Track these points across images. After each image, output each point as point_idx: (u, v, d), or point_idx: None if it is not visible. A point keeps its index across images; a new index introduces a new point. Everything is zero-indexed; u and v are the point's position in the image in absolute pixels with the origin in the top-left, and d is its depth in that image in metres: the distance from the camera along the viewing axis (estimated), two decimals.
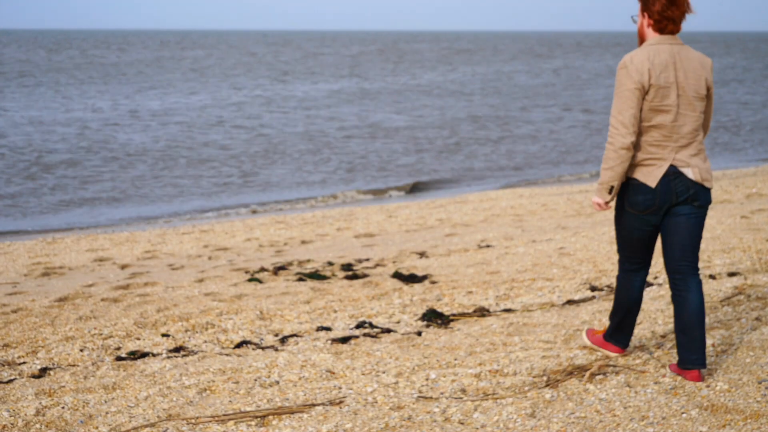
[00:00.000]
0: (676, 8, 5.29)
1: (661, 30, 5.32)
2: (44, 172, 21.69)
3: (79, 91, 45.07)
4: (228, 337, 6.90)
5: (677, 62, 5.28)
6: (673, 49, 5.29)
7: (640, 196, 5.26)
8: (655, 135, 5.24)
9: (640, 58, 5.24)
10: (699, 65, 5.32)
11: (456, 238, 11.51)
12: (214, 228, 14.58)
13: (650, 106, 5.22)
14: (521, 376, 5.41)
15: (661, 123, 5.23)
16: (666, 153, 5.25)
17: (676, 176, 5.24)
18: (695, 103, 5.29)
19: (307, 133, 29.28)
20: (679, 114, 5.25)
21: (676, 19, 5.31)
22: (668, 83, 5.23)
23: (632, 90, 5.20)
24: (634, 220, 5.35)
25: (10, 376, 6.04)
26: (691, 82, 5.29)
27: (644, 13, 5.37)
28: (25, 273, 10.80)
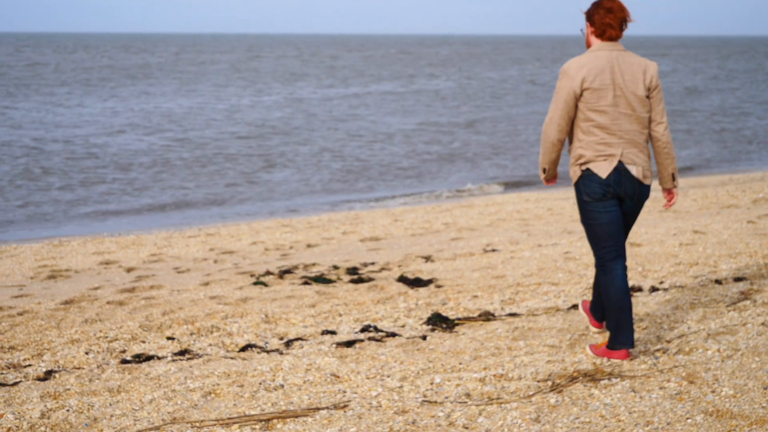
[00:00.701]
0: (614, 16, 5.85)
1: (601, 36, 5.87)
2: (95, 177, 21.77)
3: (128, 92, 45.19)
4: (233, 340, 6.90)
5: (615, 66, 5.79)
6: (612, 55, 5.81)
7: (595, 185, 5.76)
8: (600, 134, 5.74)
9: (577, 64, 5.80)
10: (639, 69, 5.81)
11: (462, 242, 11.50)
12: (220, 231, 14.59)
13: (588, 107, 5.74)
14: (526, 380, 5.40)
15: (601, 123, 5.73)
16: (614, 150, 5.75)
17: (625, 173, 5.75)
18: (635, 104, 5.76)
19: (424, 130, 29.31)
20: (618, 114, 5.74)
21: (614, 25, 5.84)
22: (604, 86, 5.73)
23: (565, 94, 5.77)
24: (595, 207, 5.80)
25: (16, 379, 6.04)
26: (629, 84, 5.77)
27: (588, 23, 5.94)
28: (32, 275, 10.81)
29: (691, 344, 5.83)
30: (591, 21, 5.95)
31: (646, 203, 14.50)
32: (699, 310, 6.68)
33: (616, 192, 5.74)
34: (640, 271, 8.44)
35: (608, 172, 5.73)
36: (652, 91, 5.84)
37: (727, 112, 37.53)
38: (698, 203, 14.20)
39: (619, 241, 5.84)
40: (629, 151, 5.76)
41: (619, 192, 5.75)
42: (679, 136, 29.83)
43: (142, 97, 43.88)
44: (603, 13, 5.90)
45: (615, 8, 5.89)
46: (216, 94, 46.43)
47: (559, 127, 5.80)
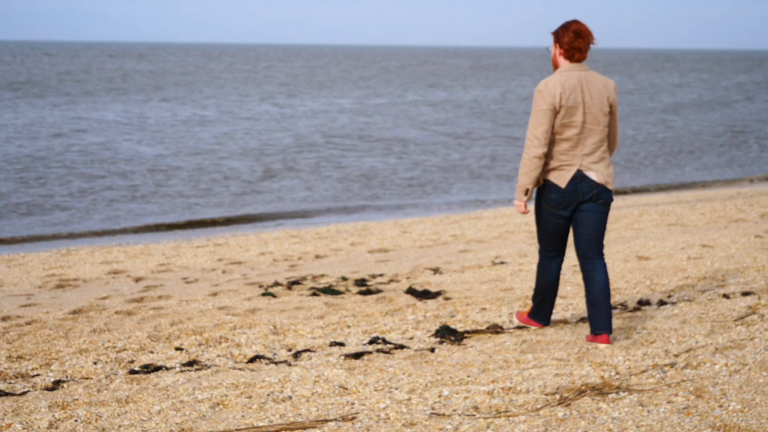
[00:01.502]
0: (582, 39, 6.43)
1: (570, 58, 6.46)
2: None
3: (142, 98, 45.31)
4: (241, 351, 6.91)
5: (584, 85, 6.40)
6: (581, 75, 6.42)
7: (553, 195, 6.44)
8: (565, 145, 6.39)
9: (554, 83, 6.36)
10: (602, 87, 6.45)
11: (470, 254, 11.51)
12: (228, 242, 14.62)
13: (561, 123, 6.36)
14: (534, 393, 5.40)
15: (570, 136, 6.38)
16: (574, 160, 6.40)
17: (582, 179, 6.40)
18: (600, 118, 6.42)
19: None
20: (585, 128, 6.39)
21: (582, 48, 6.44)
22: (576, 103, 6.36)
23: (546, 110, 6.34)
24: (549, 215, 6.53)
25: (24, 389, 6.06)
26: (596, 101, 6.41)
27: (556, 45, 6.50)
28: (40, 285, 10.84)
29: (698, 358, 5.82)
30: (559, 43, 6.49)
31: (656, 218, 14.49)
32: (707, 324, 6.68)
33: (571, 200, 6.43)
34: (648, 284, 8.43)
35: (567, 182, 6.40)
36: (612, 107, 6.50)
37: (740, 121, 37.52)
38: (706, 217, 14.19)
39: (562, 244, 6.67)
40: (587, 162, 6.42)
41: (576, 198, 6.42)
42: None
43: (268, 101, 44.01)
44: (573, 37, 6.44)
45: (583, 32, 6.43)
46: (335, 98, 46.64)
47: (542, 141, 6.33)
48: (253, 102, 48.99)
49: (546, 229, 6.60)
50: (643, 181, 23.89)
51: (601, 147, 6.45)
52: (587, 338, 6.53)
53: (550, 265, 6.75)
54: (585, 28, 6.47)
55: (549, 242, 6.66)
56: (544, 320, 6.98)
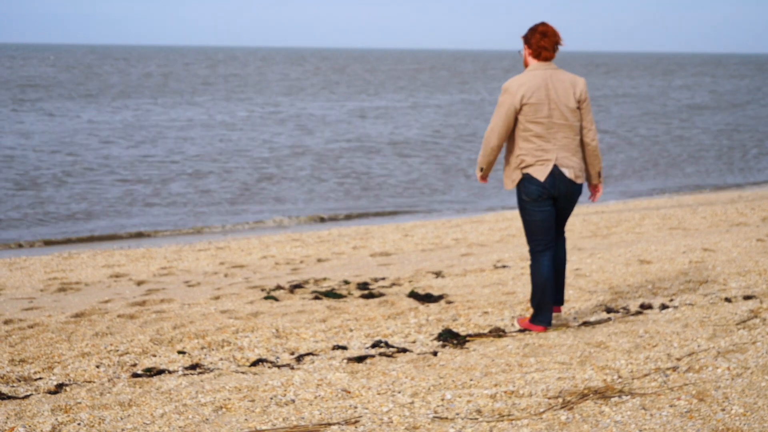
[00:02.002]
0: (547, 39, 6.88)
1: (537, 56, 6.91)
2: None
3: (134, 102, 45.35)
4: (244, 354, 6.92)
5: (549, 83, 6.81)
6: (547, 73, 6.84)
7: (533, 187, 6.83)
8: (537, 142, 6.78)
9: (517, 83, 6.82)
10: (569, 84, 6.85)
11: (472, 258, 11.51)
12: (230, 245, 14.62)
13: (527, 119, 6.77)
14: (537, 397, 5.40)
15: (539, 132, 6.77)
16: (550, 155, 6.80)
17: (559, 175, 6.81)
18: (567, 114, 6.81)
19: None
20: (553, 124, 6.79)
21: (548, 47, 6.88)
22: (540, 101, 6.77)
23: (506, 108, 6.81)
24: (531, 206, 6.91)
25: (27, 392, 6.07)
26: (562, 98, 6.80)
27: (526, 46, 6.96)
28: (42, 288, 10.85)
29: (701, 362, 5.83)
30: (528, 44, 6.95)
31: (657, 221, 14.49)
32: (709, 328, 6.68)
33: (551, 193, 6.85)
34: (650, 288, 8.44)
35: (545, 176, 6.80)
36: (581, 103, 6.89)
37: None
38: (707, 221, 14.19)
39: (549, 236, 7.00)
40: (563, 156, 6.82)
41: (554, 192, 6.85)
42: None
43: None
44: (539, 37, 6.89)
45: (549, 33, 6.89)
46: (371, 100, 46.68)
47: (500, 135, 6.84)
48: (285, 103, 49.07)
49: (530, 223, 6.98)
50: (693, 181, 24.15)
51: (573, 141, 6.87)
52: (524, 324, 7.17)
53: (542, 259, 7.03)
54: (551, 29, 6.92)
55: (536, 236, 7.01)
56: (546, 321, 7.15)
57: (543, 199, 6.86)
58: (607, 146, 31.58)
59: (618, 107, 50.27)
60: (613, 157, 29.00)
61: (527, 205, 6.91)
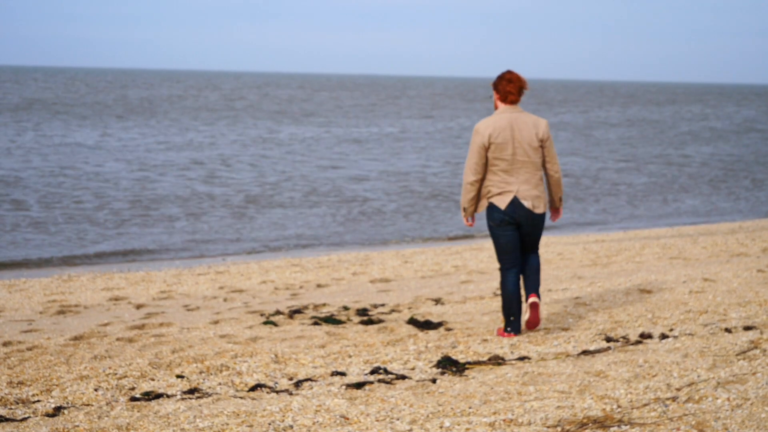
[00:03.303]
0: (513, 85, 7.89)
1: (504, 100, 7.91)
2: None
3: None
4: (242, 379, 6.90)
5: (514, 125, 7.80)
6: (512, 116, 7.84)
7: (496, 214, 7.89)
8: (502, 175, 7.81)
9: (486, 124, 7.83)
10: (532, 125, 7.84)
11: (471, 285, 11.50)
12: (229, 269, 14.62)
13: (493, 156, 7.79)
14: (536, 426, 5.38)
15: (503, 167, 7.80)
16: (511, 187, 7.82)
17: (518, 204, 7.84)
18: (529, 152, 7.81)
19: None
20: (516, 160, 7.79)
21: (514, 92, 7.89)
22: (505, 140, 7.77)
23: (477, 147, 7.80)
24: (496, 230, 7.95)
25: (25, 414, 6.05)
26: (525, 138, 7.79)
27: (494, 91, 7.97)
28: (41, 311, 10.83)
29: (700, 392, 5.81)
30: (497, 90, 7.94)
31: (658, 251, 14.50)
32: (709, 359, 6.67)
33: (512, 219, 7.85)
34: (650, 318, 8.42)
35: (506, 204, 7.83)
36: (544, 141, 7.86)
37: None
38: (708, 251, 14.19)
39: (514, 256, 8.00)
40: (523, 188, 7.82)
41: (515, 219, 7.85)
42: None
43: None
44: (505, 83, 7.89)
45: (514, 79, 7.88)
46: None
47: (475, 171, 7.81)
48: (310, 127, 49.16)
49: (498, 246, 8.00)
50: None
51: (535, 176, 7.86)
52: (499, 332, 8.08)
53: (508, 276, 8.03)
54: (516, 75, 7.90)
55: (504, 256, 8.01)
56: (516, 328, 8.05)
57: (506, 224, 7.89)
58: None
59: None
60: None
61: (494, 229, 7.96)
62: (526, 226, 7.89)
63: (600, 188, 28.93)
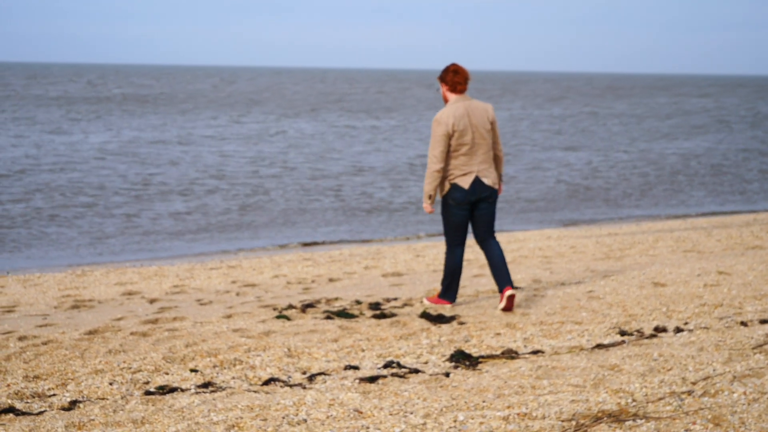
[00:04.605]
0: (459, 75, 8.55)
1: (453, 90, 8.59)
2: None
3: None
4: (256, 373, 6.91)
5: (469, 112, 8.51)
6: (465, 104, 8.54)
7: (458, 194, 8.55)
8: (463, 159, 8.51)
9: (446, 114, 8.47)
10: (483, 111, 8.59)
11: (484, 279, 11.48)
12: (241, 264, 14.63)
13: (456, 142, 8.49)
14: (550, 420, 5.37)
15: (465, 151, 8.50)
16: (472, 167, 8.54)
17: (479, 182, 8.57)
18: (485, 135, 8.58)
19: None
20: (475, 144, 8.53)
21: (461, 82, 8.56)
22: (465, 127, 8.48)
23: (442, 136, 8.46)
24: (455, 209, 8.62)
25: (41, 408, 6.07)
26: (480, 122, 8.55)
27: (442, 83, 8.61)
28: (55, 305, 10.86)
29: (716, 386, 5.79)
30: (444, 81, 8.60)
31: (672, 244, 14.46)
32: (724, 352, 6.64)
33: (471, 198, 8.55)
34: (664, 311, 8.40)
35: (469, 184, 8.54)
36: (493, 124, 8.63)
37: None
38: (722, 243, 14.14)
39: (464, 234, 8.75)
40: (482, 168, 8.58)
41: (476, 197, 8.56)
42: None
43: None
44: (452, 75, 8.57)
45: (460, 71, 8.55)
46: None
47: (440, 159, 8.48)
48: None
49: (452, 223, 8.68)
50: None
51: (489, 155, 8.63)
52: (432, 300, 8.99)
53: (456, 251, 8.79)
54: (461, 67, 8.58)
55: (454, 233, 8.73)
56: (452, 298, 8.92)
57: (465, 204, 8.59)
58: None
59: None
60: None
61: (452, 208, 8.63)
62: (483, 202, 8.60)
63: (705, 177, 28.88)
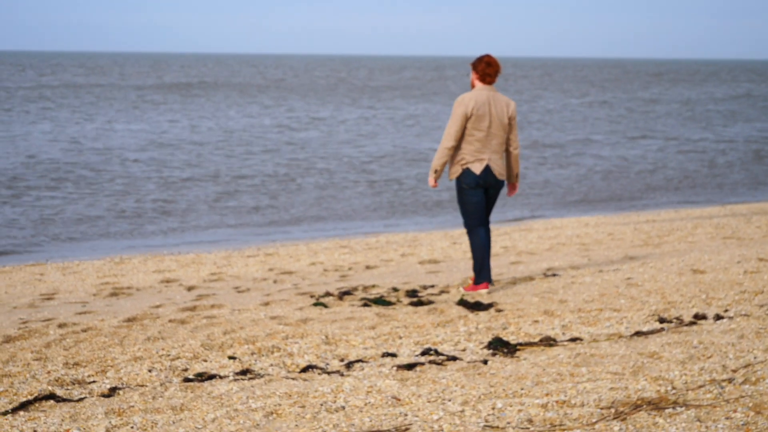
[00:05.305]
0: (492, 68, 8.89)
1: (483, 80, 8.92)
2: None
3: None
4: (294, 360, 6.93)
5: (491, 102, 8.83)
6: (489, 94, 8.86)
7: (470, 178, 8.89)
8: (477, 145, 8.83)
9: (469, 97, 8.81)
10: (504, 104, 8.90)
11: (521, 266, 11.45)
12: (278, 251, 14.68)
13: (472, 126, 8.78)
14: (589, 407, 5.34)
15: (479, 138, 8.81)
16: (484, 155, 8.85)
17: (489, 171, 8.89)
18: (501, 127, 8.86)
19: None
20: (490, 133, 8.84)
21: (491, 74, 8.90)
22: (484, 113, 8.78)
23: (460, 116, 8.76)
24: (468, 193, 8.97)
25: (81, 395, 6.12)
26: (499, 114, 8.85)
27: (473, 71, 8.95)
28: (94, 293, 10.95)
29: (757, 374, 5.73)
30: (476, 70, 8.91)
31: (711, 230, 14.34)
32: (765, 340, 6.57)
33: (483, 183, 8.90)
34: (703, 298, 8.33)
35: (480, 171, 8.84)
36: (512, 120, 8.93)
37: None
38: (762, 230, 13.99)
39: (482, 215, 9.05)
40: (493, 158, 8.89)
41: (486, 183, 8.90)
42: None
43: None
44: (485, 66, 8.87)
45: (492, 63, 8.87)
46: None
47: (454, 137, 8.78)
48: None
49: (468, 206, 9.01)
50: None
51: (501, 148, 8.93)
52: (469, 289, 9.13)
53: (478, 232, 9.06)
54: (494, 60, 8.87)
55: (472, 215, 9.04)
56: (486, 278, 9.14)
57: (478, 187, 8.90)
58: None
59: None
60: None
61: (466, 191, 8.94)
62: (491, 191, 9.01)
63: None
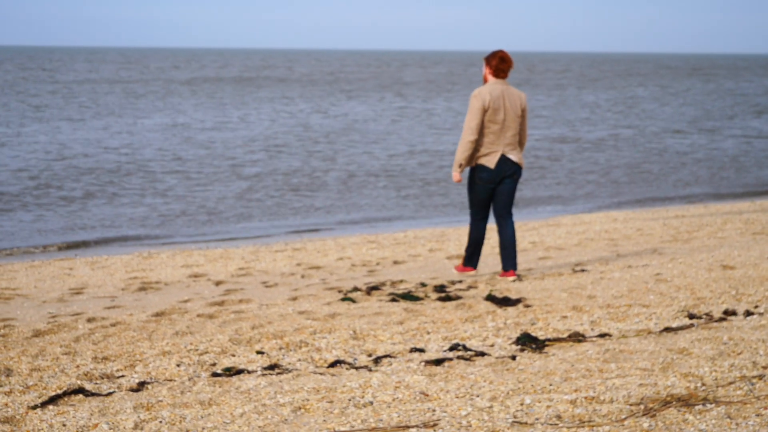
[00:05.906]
0: (505, 64, 9.27)
1: (496, 75, 9.30)
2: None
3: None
4: (322, 356, 6.93)
5: (505, 95, 9.22)
6: (503, 88, 9.26)
7: (484, 173, 9.31)
8: (491, 137, 9.22)
9: (485, 91, 9.18)
10: (517, 97, 9.27)
11: (550, 261, 11.40)
12: (306, 246, 14.70)
13: (488, 119, 9.17)
14: (618, 403, 5.32)
15: (494, 130, 9.20)
16: (498, 147, 9.26)
17: (505, 160, 9.28)
18: (515, 119, 9.27)
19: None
20: (505, 125, 9.22)
21: (504, 69, 9.28)
22: (498, 106, 9.17)
23: (478, 109, 9.15)
24: (480, 188, 9.39)
25: (110, 389, 6.15)
26: (513, 106, 9.24)
27: (487, 65, 9.29)
28: (123, 287, 11.01)
29: None
30: (489, 65, 9.27)
31: (740, 226, 14.23)
32: None
33: (496, 177, 9.27)
34: (733, 294, 8.26)
35: (495, 163, 9.25)
36: (524, 112, 9.32)
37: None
38: None
39: (487, 209, 9.52)
40: (508, 149, 9.27)
41: (501, 175, 9.27)
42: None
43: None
44: (498, 61, 9.25)
45: (506, 59, 9.24)
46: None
47: (475, 130, 9.14)
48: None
49: (476, 199, 9.43)
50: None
51: (515, 138, 9.29)
52: (458, 268, 9.84)
53: (480, 224, 9.57)
54: (507, 56, 9.24)
55: (478, 208, 9.49)
56: (474, 264, 9.79)
57: (490, 182, 9.29)
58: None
59: None
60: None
61: (478, 185, 9.35)
62: (508, 178, 9.29)
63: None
